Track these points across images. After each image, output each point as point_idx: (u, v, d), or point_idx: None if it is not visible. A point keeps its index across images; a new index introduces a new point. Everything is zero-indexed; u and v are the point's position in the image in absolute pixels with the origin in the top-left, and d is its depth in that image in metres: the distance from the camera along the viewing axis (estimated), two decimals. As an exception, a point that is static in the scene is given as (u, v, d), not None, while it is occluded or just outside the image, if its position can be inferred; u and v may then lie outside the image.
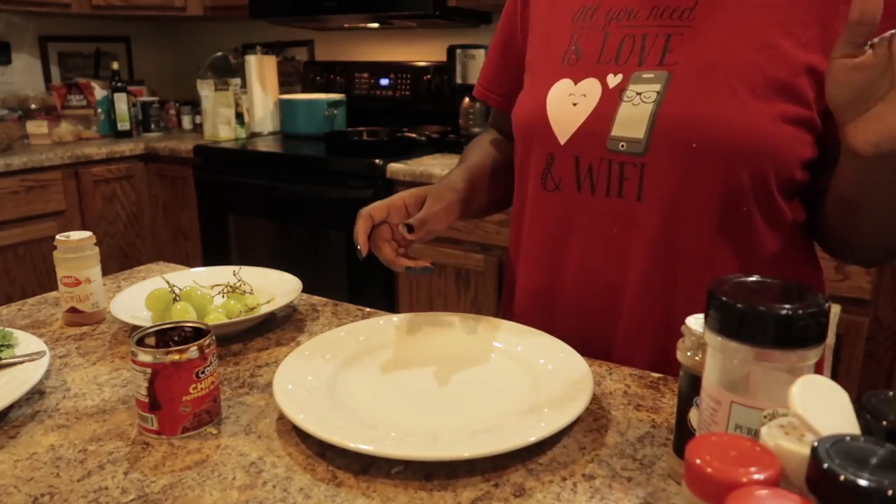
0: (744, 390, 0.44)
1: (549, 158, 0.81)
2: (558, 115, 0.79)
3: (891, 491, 0.31)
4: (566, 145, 0.78)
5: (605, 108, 0.76)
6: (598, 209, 0.78)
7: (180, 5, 2.96)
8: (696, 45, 0.73)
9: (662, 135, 0.72)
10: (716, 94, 0.71)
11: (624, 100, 0.75)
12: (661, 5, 0.77)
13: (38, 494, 0.55)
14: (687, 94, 0.72)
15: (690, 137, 0.71)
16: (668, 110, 0.72)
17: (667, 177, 0.73)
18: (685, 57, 0.73)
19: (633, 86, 0.75)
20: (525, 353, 0.76)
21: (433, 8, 2.34)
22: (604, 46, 0.79)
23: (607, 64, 0.78)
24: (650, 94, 0.74)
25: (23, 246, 2.49)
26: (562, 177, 0.80)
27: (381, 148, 2.41)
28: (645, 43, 0.76)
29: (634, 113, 0.74)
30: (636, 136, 0.74)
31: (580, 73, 0.79)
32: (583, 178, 0.78)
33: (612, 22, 0.79)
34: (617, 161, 0.75)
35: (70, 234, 0.89)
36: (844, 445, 0.35)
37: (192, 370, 0.62)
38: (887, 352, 1.63)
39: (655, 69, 0.74)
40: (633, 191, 0.75)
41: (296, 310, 0.95)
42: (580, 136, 0.77)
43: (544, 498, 0.54)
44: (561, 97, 0.79)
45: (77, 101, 2.95)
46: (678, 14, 0.75)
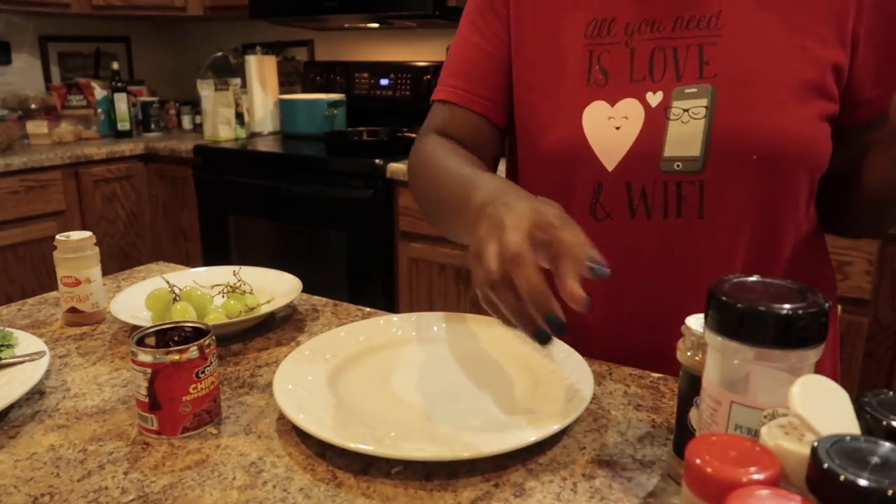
0: (744, 390, 0.44)
1: (597, 187, 0.76)
2: (601, 140, 0.75)
3: (891, 491, 0.31)
4: (615, 171, 0.75)
5: (651, 128, 0.73)
6: (656, 233, 0.75)
7: (180, 5, 2.96)
8: (731, 54, 0.72)
9: (720, 150, 0.71)
10: (762, 102, 0.70)
11: (671, 118, 0.72)
12: (685, 15, 0.74)
13: (38, 494, 0.55)
14: (736, 106, 0.71)
15: (749, 150, 0.70)
16: (721, 125, 0.71)
17: (728, 191, 0.72)
18: (724, 67, 0.72)
19: (677, 102, 0.72)
20: (525, 353, 0.76)
21: (433, 8, 2.34)
22: (633, 63, 0.75)
23: (642, 81, 0.74)
24: (698, 109, 0.72)
25: (23, 246, 2.49)
26: (613, 205, 0.76)
27: (381, 148, 2.41)
28: (677, 56, 0.73)
29: (686, 131, 0.72)
30: (692, 154, 0.72)
31: (614, 93, 0.75)
32: (636, 203, 0.75)
33: (634, 36, 0.76)
34: (673, 181, 0.73)
35: (70, 234, 0.89)
36: (844, 445, 0.35)
37: (192, 370, 0.62)
38: (887, 352, 1.63)
39: (697, 83, 0.72)
40: (693, 209, 0.73)
41: (296, 310, 0.95)
42: (630, 160, 0.74)
43: (544, 498, 0.54)
44: (599, 121, 0.75)
45: (77, 101, 2.96)
46: (705, 23, 0.73)
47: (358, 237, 2.27)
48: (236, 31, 3.32)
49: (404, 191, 2.18)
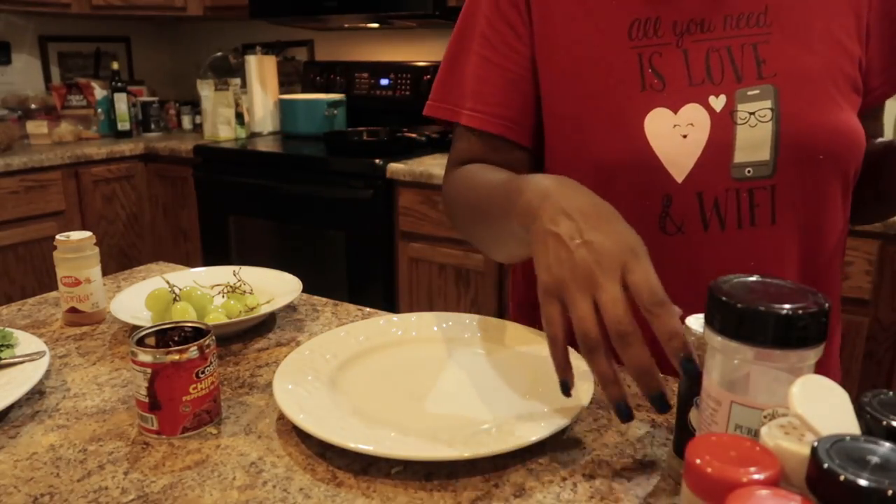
0: (744, 390, 0.44)
1: (666, 200, 0.72)
2: (668, 150, 0.71)
3: (891, 491, 0.31)
4: (685, 183, 0.71)
5: (719, 134, 0.70)
6: (730, 244, 0.72)
7: (180, 5, 2.96)
8: (785, 51, 0.70)
9: (789, 152, 0.69)
10: (821, 100, 0.70)
11: (738, 122, 0.70)
12: (733, 13, 0.72)
13: (38, 494, 0.55)
14: (799, 106, 0.69)
15: (817, 150, 0.69)
16: (788, 126, 0.69)
17: (798, 194, 0.71)
18: (781, 66, 0.70)
19: (742, 105, 0.70)
20: (525, 353, 0.76)
21: (433, 8, 2.34)
22: (689, 65, 0.72)
23: (702, 85, 0.71)
24: (764, 111, 0.70)
25: (23, 246, 2.49)
26: (684, 218, 0.72)
27: (381, 148, 2.41)
28: (733, 56, 0.71)
29: (754, 135, 0.70)
30: (762, 158, 0.70)
31: (675, 99, 0.71)
32: (709, 214, 0.71)
33: (684, 36, 0.72)
34: (745, 188, 0.70)
35: (70, 234, 0.89)
36: (844, 445, 0.35)
37: (192, 370, 0.62)
38: (887, 352, 1.63)
39: (757, 84, 0.70)
40: (766, 216, 0.71)
41: (296, 310, 0.95)
42: (700, 169, 0.70)
43: (544, 498, 0.54)
44: (665, 130, 0.71)
45: (77, 101, 2.96)
46: (754, 20, 0.71)
47: (358, 237, 2.27)
48: (236, 31, 3.32)
49: (404, 191, 2.18)
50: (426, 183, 2.11)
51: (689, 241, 0.72)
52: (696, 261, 0.73)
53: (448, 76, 0.83)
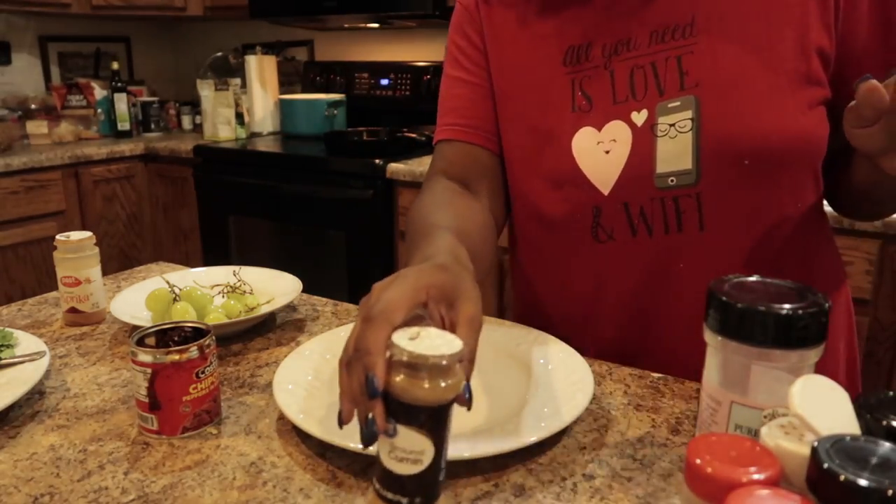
0: (744, 390, 0.44)
1: (595, 211, 0.76)
2: (593, 166, 0.75)
3: (891, 491, 0.31)
4: (611, 195, 0.75)
5: (641, 148, 0.73)
6: (660, 249, 0.75)
7: (180, 5, 2.96)
8: (710, 60, 0.71)
9: (711, 160, 0.70)
10: (747, 104, 0.70)
11: (658, 134, 0.72)
12: (658, 28, 0.73)
13: (38, 494, 0.55)
14: (721, 113, 0.70)
15: (740, 155, 0.70)
16: (708, 134, 0.70)
17: (726, 200, 0.72)
18: (704, 75, 0.71)
19: (663, 118, 0.72)
20: (525, 353, 0.76)
21: (433, 8, 2.34)
22: (614, 85, 0.75)
23: (625, 102, 0.74)
24: (684, 122, 0.71)
25: (23, 246, 2.49)
26: (613, 226, 0.76)
27: (381, 148, 2.41)
28: (657, 71, 0.73)
29: (675, 145, 0.72)
30: (684, 167, 0.71)
31: (599, 118, 0.75)
32: (636, 222, 0.75)
33: (611, 58, 0.75)
34: (669, 197, 0.73)
35: (70, 234, 0.89)
36: (844, 445, 0.35)
37: (192, 370, 0.62)
38: (887, 352, 1.63)
39: (679, 95, 0.72)
40: (693, 222, 0.73)
41: (296, 310, 0.95)
42: (624, 182, 0.74)
43: (544, 498, 0.54)
44: (589, 147, 0.75)
45: (77, 101, 2.96)
46: (679, 32, 0.73)
47: (358, 237, 2.27)
48: (236, 31, 3.32)
49: (404, 191, 2.18)
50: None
51: (621, 248, 0.77)
52: (628, 266, 0.77)
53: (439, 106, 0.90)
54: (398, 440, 0.43)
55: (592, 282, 0.80)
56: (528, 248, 0.87)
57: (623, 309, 0.79)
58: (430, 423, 0.43)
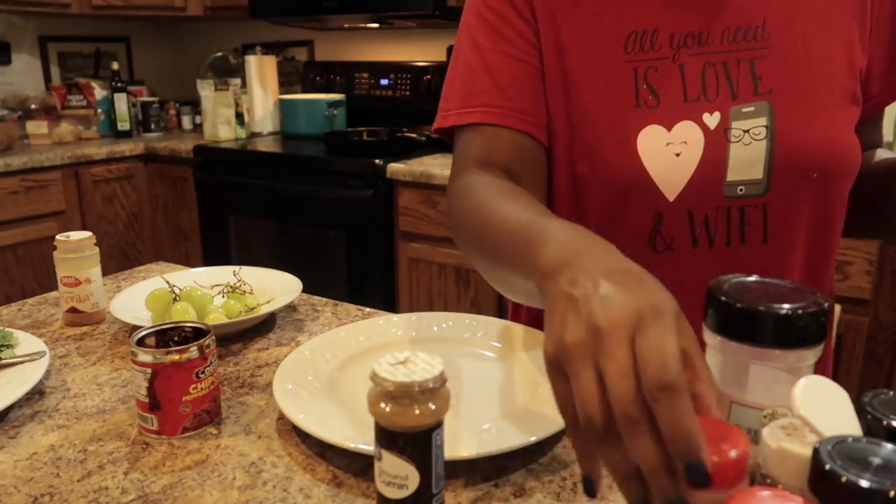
0: (743, 390, 0.44)
1: (657, 218, 0.71)
2: (661, 169, 0.69)
3: (892, 492, 0.31)
4: (676, 201, 0.70)
5: (713, 153, 0.68)
6: (720, 261, 0.71)
7: (180, 5, 2.96)
8: (782, 67, 0.69)
9: (783, 171, 0.68)
10: (817, 117, 0.68)
11: (732, 140, 0.68)
12: (731, 26, 0.70)
13: (38, 494, 0.55)
14: (794, 124, 0.68)
15: (811, 168, 0.68)
16: (783, 145, 0.68)
17: (791, 213, 0.70)
18: (777, 82, 0.69)
19: (736, 122, 0.68)
20: (525, 353, 0.76)
21: (433, 8, 2.34)
22: (684, 81, 0.70)
23: (697, 101, 0.69)
24: (758, 129, 0.68)
25: (23, 246, 2.49)
26: (674, 235, 0.71)
27: (381, 148, 2.41)
28: (729, 71, 0.69)
29: (748, 153, 0.68)
30: (755, 177, 0.69)
31: (669, 116, 0.69)
32: (698, 231, 0.70)
33: (681, 50, 0.70)
34: (736, 207, 0.69)
35: (70, 234, 0.89)
36: (846, 447, 0.35)
37: (192, 370, 0.62)
38: (887, 352, 1.63)
39: (752, 101, 0.69)
40: (757, 235, 0.70)
41: (296, 310, 0.95)
42: (692, 188, 0.69)
43: (544, 498, 0.54)
44: (658, 148, 0.69)
45: (77, 101, 2.95)
46: (752, 34, 0.69)
47: (358, 237, 2.27)
48: (236, 31, 3.32)
49: (404, 191, 2.18)
50: (426, 183, 2.11)
51: (678, 258, 0.72)
52: (684, 277, 0.71)
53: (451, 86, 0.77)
54: (384, 464, 0.44)
55: None
56: None
57: None
58: (409, 448, 0.43)
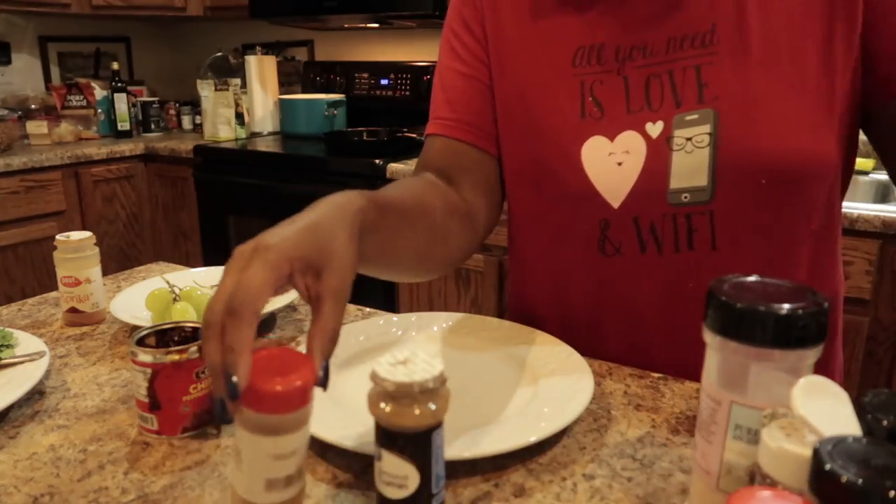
0: (743, 390, 0.44)
1: (603, 224, 0.73)
2: (603, 178, 0.72)
3: (892, 492, 0.32)
4: (621, 208, 0.72)
5: (655, 162, 0.70)
6: (668, 267, 0.72)
7: (180, 5, 2.96)
8: (730, 72, 0.68)
9: (728, 178, 0.68)
10: (768, 121, 0.67)
11: (674, 148, 0.69)
12: (677, 35, 0.70)
13: (38, 494, 0.55)
14: (740, 130, 0.67)
15: (757, 174, 0.67)
16: (726, 151, 0.68)
17: (740, 219, 0.69)
18: (725, 89, 0.68)
19: (679, 131, 0.69)
20: (525, 353, 0.76)
21: (433, 8, 2.34)
22: (628, 92, 0.71)
23: (640, 112, 0.71)
24: (701, 137, 0.68)
25: (23, 246, 2.49)
26: (622, 240, 0.73)
27: (381, 148, 2.41)
28: (674, 80, 0.70)
29: (690, 161, 0.69)
30: (699, 184, 0.69)
31: (612, 127, 0.72)
32: (645, 238, 0.72)
33: (626, 62, 0.72)
34: (682, 214, 0.70)
35: (70, 234, 0.89)
36: (846, 447, 0.35)
37: (192, 370, 0.62)
38: (887, 352, 1.63)
39: (697, 108, 0.69)
40: (705, 241, 0.70)
41: (296, 310, 0.95)
42: (635, 196, 0.71)
43: (544, 498, 0.54)
44: (600, 158, 0.72)
45: (77, 101, 2.95)
46: (699, 41, 0.69)
47: (358, 237, 2.27)
48: (236, 31, 3.32)
49: (404, 191, 2.18)
50: (426, 183, 2.11)
51: (628, 263, 0.74)
52: (635, 282, 0.74)
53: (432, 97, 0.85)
54: (384, 464, 0.44)
55: (595, 295, 0.78)
56: (528, 256, 0.84)
57: (626, 326, 0.77)
58: (409, 448, 0.43)
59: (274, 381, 0.43)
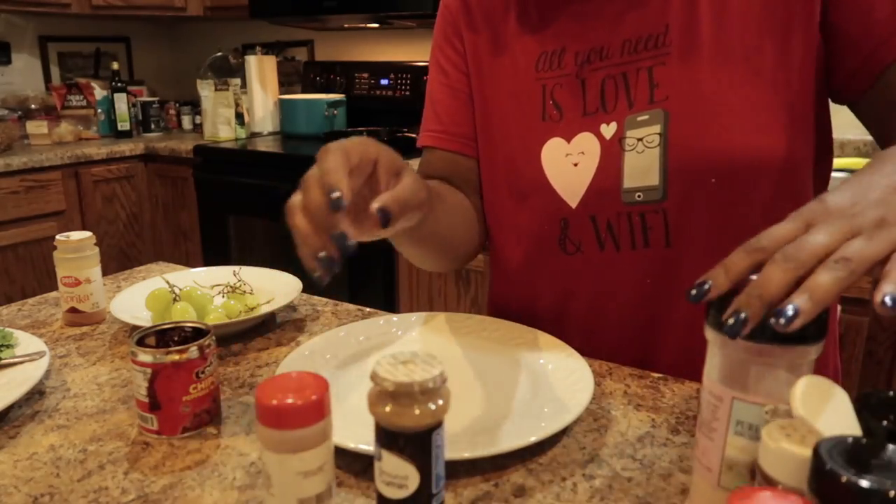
0: (744, 386, 0.44)
1: (563, 223, 0.76)
2: (561, 178, 0.75)
3: (892, 492, 0.32)
4: (578, 208, 0.74)
5: (608, 162, 0.72)
6: (627, 264, 0.74)
7: (180, 5, 2.96)
8: (681, 72, 0.69)
9: (679, 177, 0.69)
10: (718, 120, 0.67)
11: (626, 149, 0.71)
12: (632, 37, 0.71)
13: (38, 494, 0.55)
14: (690, 129, 0.68)
15: (708, 174, 0.68)
16: (676, 151, 0.69)
17: (693, 217, 0.70)
18: (675, 89, 0.69)
19: (631, 132, 0.71)
20: (525, 353, 0.76)
21: (433, 8, 2.33)
22: (585, 95, 0.74)
23: (595, 114, 0.73)
24: (652, 137, 0.70)
25: (23, 246, 2.49)
26: (581, 239, 0.76)
27: (381, 148, 2.41)
28: (628, 82, 0.71)
29: (642, 161, 0.70)
30: (651, 183, 0.70)
31: (569, 129, 0.74)
32: (603, 236, 0.74)
33: (584, 66, 0.74)
34: (636, 212, 0.72)
35: (70, 234, 0.89)
36: (846, 447, 0.35)
37: (192, 370, 0.62)
38: (887, 352, 1.63)
39: (648, 109, 0.70)
40: (660, 238, 0.72)
41: (296, 310, 0.95)
42: (591, 195, 0.73)
43: (544, 498, 0.54)
44: (557, 159, 0.75)
45: (77, 101, 2.96)
46: (652, 42, 0.70)
47: (358, 237, 2.27)
48: (236, 31, 3.32)
49: (404, 191, 2.18)
50: (426, 183, 2.11)
51: (588, 261, 0.76)
52: (596, 279, 0.77)
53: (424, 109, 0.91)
54: (384, 464, 0.44)
55: (560, 293, 0.80)
56: (500, 256, 0.87)
57: (589, 322, 0.79)
58: (409, 448, 0.43)
59: (290, 396, 0.44)
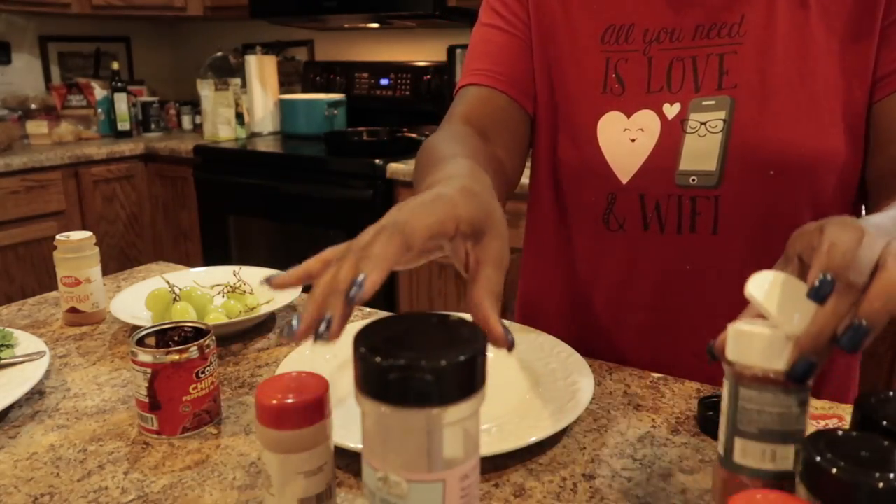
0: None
1: (610, 198, 0.75)
2: (616, 152, 0.74)
3: (881, 484, 0.32)
4: (629, 184, 0.74)
5: (668, 141, 0.71)
6: (668, 247, 0.74)
7: (180, 5, 2.96)
8: (752, 63, 0.69)
9: (737, 165, 0.69)
10: (784, 114, 0.68)
11: (688, 131, 0.71)
12: (706, 23, 0.72)
13: (38, 494, 0.55)
14: (755, 119, 0.68)
15: (767, 165, 0.68)
16: (738, 139, 0.69)
17: (744, 207, 0.70)
18: (744, 78, 0.69)
19: (695, 115, 0.71)
20: (525, 353, 0.76)
21: (433, 8, 2.34)
22: (651, 73, 0.73)
23: (659, 92, 0.73)
24: (716, 122, 0.70)
25: (23, 246, 2.49)
26: (626, 216, 0.75)
27: (381, 148, 2.41)
28: (696, 66, 0.71)
29: (702, 144, 0.70)
30: (708, 168, 0.70)
31: (630, 104, 0.74)
32: (650, 216, 0.74)
33: (652, 45, 0.74)
34: (687, 196, 0.71)
35: (70, 234, 0.89)
36: (837, 440, 0.35)
37: (192, 370, 0.62)
38: (887, 352, 1.63)
39: (715, 94, 0.70)
40: (707, 225, 0.72)
41: (296, 310, 0.95)
42: (644, 173, 0.73)
43: (544, 498, 0.54)
44: (615, 133, 0.74)
45: (77, 101, 2.95)
46: (726, 31, 0.71)
47: (358, 237, 2.27)
48: (236, 31, 3.32)
49: (404, 191, 2.18)
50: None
51: (629, 239, 0.76)
52: (634, 258, 0.76)
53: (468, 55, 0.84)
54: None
55: (594, 268, 0.80)
56: (538, 227, 0.86)
57: (620, 302, 0.79)
58: None
59: (290, 396, 0.45)
